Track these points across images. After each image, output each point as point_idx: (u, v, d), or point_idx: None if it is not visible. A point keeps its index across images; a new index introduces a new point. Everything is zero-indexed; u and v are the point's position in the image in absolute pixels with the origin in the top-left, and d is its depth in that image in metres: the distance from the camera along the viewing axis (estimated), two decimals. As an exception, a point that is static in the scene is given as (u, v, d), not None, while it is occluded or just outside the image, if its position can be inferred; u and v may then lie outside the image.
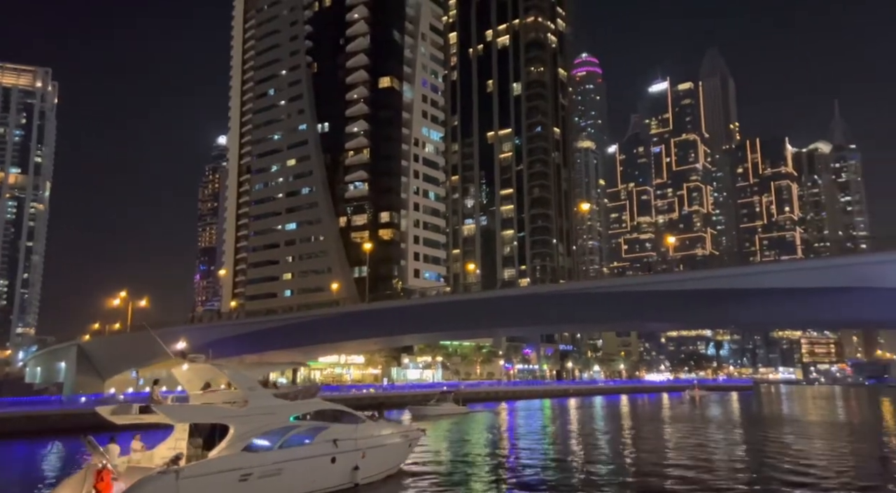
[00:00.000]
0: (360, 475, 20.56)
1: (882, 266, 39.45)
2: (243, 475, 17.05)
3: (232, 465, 16.96)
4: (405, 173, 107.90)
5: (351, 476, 20.31)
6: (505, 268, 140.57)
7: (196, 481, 15.91)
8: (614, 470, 26.12)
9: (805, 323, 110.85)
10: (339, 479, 19.94)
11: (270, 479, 17.63)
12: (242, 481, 16.99)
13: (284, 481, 18.01)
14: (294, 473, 18.33)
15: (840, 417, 63.94)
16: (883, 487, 22.72)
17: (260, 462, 17.55)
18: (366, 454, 21.02)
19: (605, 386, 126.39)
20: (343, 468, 20.11)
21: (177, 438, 18.26)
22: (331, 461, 19.71)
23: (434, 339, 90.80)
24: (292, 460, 18.45)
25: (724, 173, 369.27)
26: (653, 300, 50.28)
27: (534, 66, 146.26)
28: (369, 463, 21.07)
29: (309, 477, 18.86)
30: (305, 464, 18.85)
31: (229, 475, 16.80)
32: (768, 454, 32.26)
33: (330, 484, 19.59)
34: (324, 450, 19.56)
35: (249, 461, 17.34)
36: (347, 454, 20.30)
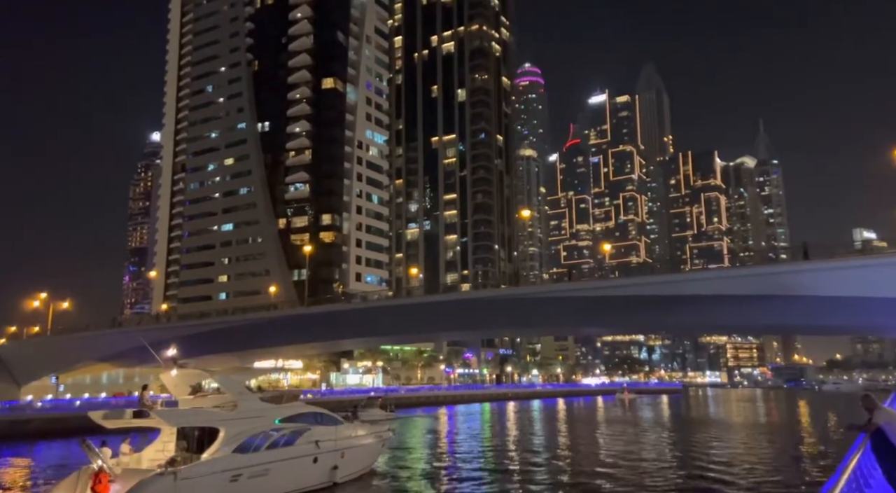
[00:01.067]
0: (339, 474, 21.73)
1: (799, 275, 41.61)
2: (234, 475, 17.96)
3: (224, 466, 17.83)
4: (348, 176, 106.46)
5: (330, 475, 21.46)
6: (448, 273, 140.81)
7: (192, 482, 16.65)
8: (546, 473, 26.58)
9: (732, 329, 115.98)
10: (320, 478, 21.12)
11: (258, 479, 18.58)
12: (233, 481, 17.88)
13: (271, 480, 18.98)
14: (280, 473, 19.34)
15: (761, 418, 67.04)
16: (795, 484, 23.93)
17: (249, 463, 18.46)
18: (344, 454, 22.19)
19: (543, 390, 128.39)
20: (324, 467, 21.27)
21: (164, 441, 18.91)
22: (313, 461, 20.82)
23: (375, 343, 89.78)
24: (278, 460, 19.38)
25: (658, 184, 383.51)
26: (590, 306, 51.35)
27: (478, 73, 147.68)
28: (347, 463, 22.26)
29: (293, 477, 19.86)
30: (290, 464, 19.83)
31: (222, 475, 17.65)
32: (693, 454, 33.43)
33: (312, 483, 20.71)
34: (306, 451, 20.62)
35: (240, 462, 18.24)
36: (328, 455, 21.41)
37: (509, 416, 67.33)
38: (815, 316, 43.68)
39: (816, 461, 31.08)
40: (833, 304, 40.78)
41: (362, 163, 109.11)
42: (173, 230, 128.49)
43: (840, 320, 44.78)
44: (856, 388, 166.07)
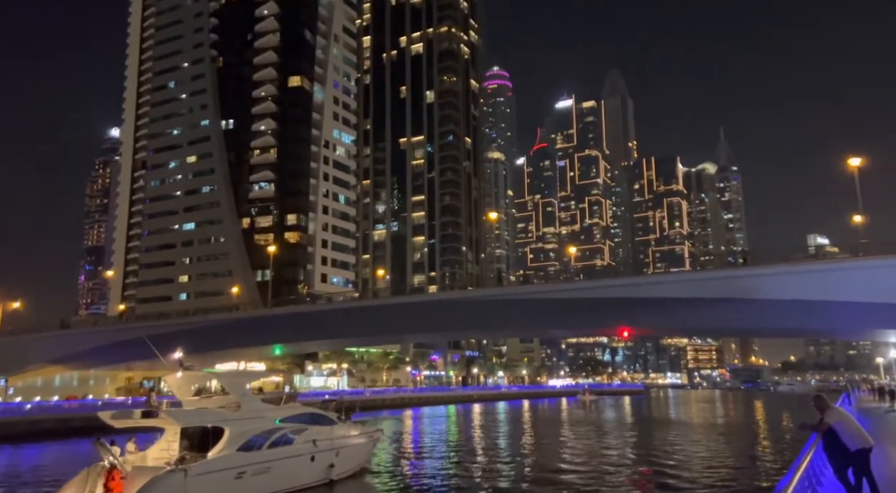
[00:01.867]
0: (335, 472, 22.72)
1: (758, 279, 42.72)
2: (239, 472, 18.83)
3: (231, 464, 18.71)
4: (314, 175, 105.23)
5: (327, 473, 22.37)
6: (415, 274, 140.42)
7: (201, 478, 17.43)
8: (506, 474, 26.75)
9: (692, 331, 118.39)
10: (317, 475, 22.02)
11: (260, 476, 19.42)
12: (238, 478, 18.74)
13: (272, 477, 19.82)
14: (280, 470, 20.20)
15: (719, 419, 68.47)
16: (751, 483, 24.51)
17: (253, 461, 19.34)
18: (339, 453, 23.14)
19: (509, 391, 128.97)
20: (321, 465, 22.17)
21: (168, 441, 19.57)
22: (310, 460, 21.74)
23: (340, 345, 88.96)
24: (279, 459, 20.31)
25: (623, 189, 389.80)
26: (556, 308, 51.85)
27: (447, 75, 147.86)
28: (342, 461, 23.27)
29: (292, 474, 20.78)
30: (290, 462, 20.78)
31: (228, 472, 18.54)
32: (653, 454, 33.99)
33: (309, 480, 21.59)
34: (305, 450, 21.57)
35: (244, 460, 19.12)
36: (324, 453, 22.36)
37: (475, 418, 67.36)
38: (771, 319, 44.80)
39: (771, 459, 31.85)
40: (787, 307, 41.93)
41: (329, 162, 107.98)
42: (132, 229, 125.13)
43: (794, 323, 46.00)
44: (808, 389, 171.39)
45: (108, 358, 73.39)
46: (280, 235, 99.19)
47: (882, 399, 49.12)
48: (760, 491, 22.31)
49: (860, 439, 9.39)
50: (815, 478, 10.41)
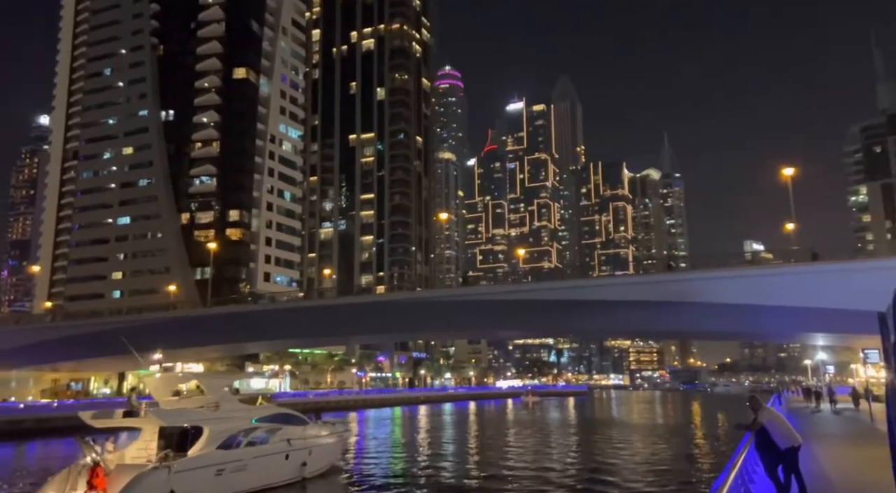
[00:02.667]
0: (307, 470, 23.54)
1: (697, 283, 43.80)
2: (218, 469, 19.55)
3: (211, 461, 19.46)
4: (259, 171, 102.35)
5: (300, 471, 23.20)
6: (363, 274, 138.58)
7: (183, 475, 18.13)
8: (445, 476, 26.71)
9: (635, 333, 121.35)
10: (291, 473, 22.84)
11: (238, 473, 20.16)
12: (217, 475, 19.47)
13: (249, 475, 20.60)
14: (256, 468, 21.01)
15: (658, 419, 69.93)
16: (689, 481, 25.08)
17: (231, 459, 20.10)
18: (311, 452, 23.96)
19: (455, 393, 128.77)
20: (294, 463, 23.01)
21: (146, 440, 20.25)
22: (285, 458, 22.57)
23: (283, 347, 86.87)
24: (255, 457, 21.13)
25: (570, 192, 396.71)
26: (504, 309, 51.97)
27: (398, 72, 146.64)
28: (314, 459, 24.09)
29: (268, 472, 21.61)
30: (265, 460, 21.61)
31: (208, 469, 19.28)
32: (594, 453, 34.42)
33: (284, 478, 22.40)
34: (279, 448, 22.38)
35: (223, 458, 19.88)
36: (298, 452, 23.16)
37: (420, 420, 66.70)
38: (709, 321, 45.99)
39: (708, 458, 32.59)
40: (724, 310, 43.09)
41: (275, 158, 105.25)
42: (61, 222, 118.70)
43: (730, 326, 47.38)
44: (743, 390, 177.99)
45: (32, 358, 69.30)
46: (221, 232, 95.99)
47: (809, 400, 51.05)
48: (697, 489, 22.61)
49: (789, 437, 9.82)
50: (747, 476, 10.65)
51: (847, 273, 39.29)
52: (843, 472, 13.57)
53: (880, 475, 10.32)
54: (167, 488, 17.45)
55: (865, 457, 15.68)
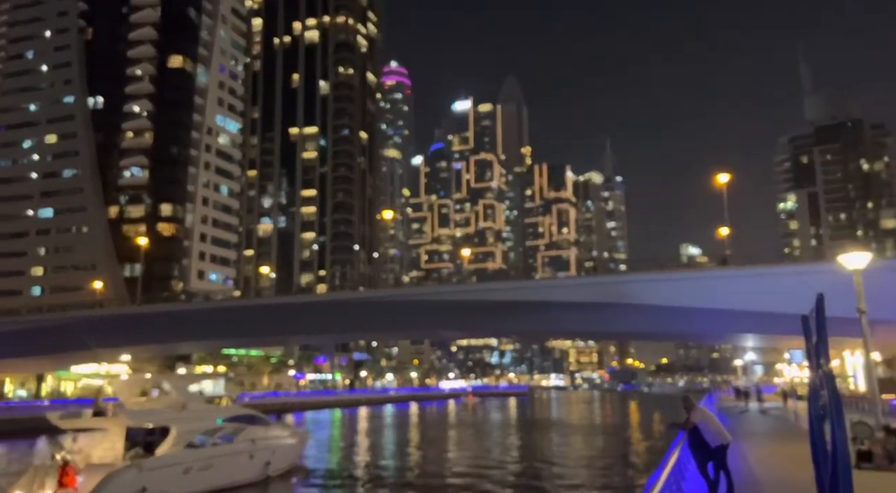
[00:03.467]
0: (271, 469, 24.16)
1: (635, 285, 44.59)
2: (186, 468, 20.07)
3: (179, 460, 20.06)
4: (194, 163, 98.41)
5: (264, 470, 23.80)
6: (303, 273, 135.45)
7: (153, 473, 18.77)
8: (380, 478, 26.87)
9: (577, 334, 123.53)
10: (255, 472, 23.43)
11: (205, 472, 20.65)
12: (185, 473, 19.95)
13: (215, 473, 21.08)
14: (222, 467, 21.54)
15: (597, 419, 71.47)
16: (625, 479, 25.86)
17: (198, 457, 20.70)
18: (275, 452, 24.62)
19: (397, 394, 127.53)
20: (258, 463, 23.58)
21: (112, 440, 20.81)
22: (249, 458, 23.15)
23: (218, 347, 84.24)
24: (221, 456, 21.69)
25: (516, 194, 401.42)
26: (448, 310, 51.76)
27: (343, 67, 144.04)
28: (277, 459, 24.69)
29: (233, 470, 22.12)
30: (231, 459, 22.14)
31: (177, 468, 19.81)
32: (533, 453, 35.02)
33: (248, 477, 22.95)
34: (244, 448, 22.98)
35: (191, 457, 20.50)
36: (262, 452, 23.75)
37: (360, 422, 65.74)
38: (647, 323, 46.87)
39: (643, 456, 33.35)
40: (661, 312, 43.94)
41: (211, 150, 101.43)
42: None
43: (667, 327, 48.50)
44: (678, 389, 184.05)
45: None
46: (153, 227, 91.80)
47: (739, 399, 52.76)
48: (632, 487, 23.15)
49: (720, 436, 10.24)
50: (680, 473, 11.09)
51: (775, 277, 40.63)
52: (768, 468, 14.20)
53: (801, 471, 10.78)
54: (139, 485, 18.15)
55: (789, 453, 16.31)
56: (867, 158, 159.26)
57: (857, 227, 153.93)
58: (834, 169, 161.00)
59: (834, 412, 7.98)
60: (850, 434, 13.43)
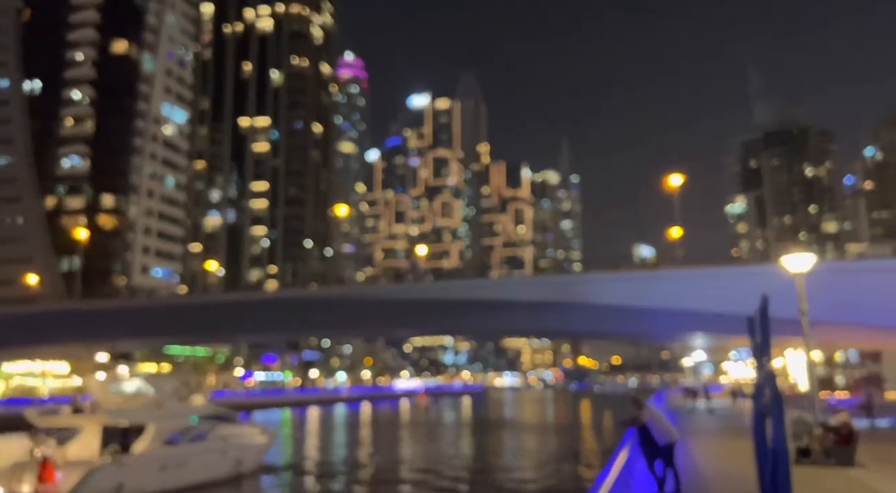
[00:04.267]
0: (242, 467, 24.82)
1: (590, 285, 44.92)
2: (162, 465, 20.86)
3: (156, 457, 20.80)
4: (139, 153, 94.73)
5: (236, 467, 24.37)
6: (252, 269, 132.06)
7: (131, 469, 19.53)
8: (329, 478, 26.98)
9: (532, 332, 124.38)
10: (228, 469, 24.00)
11: (181, 469, 21.44)
12: (161, 470, 20.73)
13: (190, 470, 21.86)
14: (197, 464, 22.34)
15: (550, 417, 72.18)
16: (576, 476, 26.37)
17: (174, 455, 21.51)
18: (246, 450, 25.40)
19: (349, 394, 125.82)
20: (230, 460, 24.20)
21: (87, 438, 21.15)
22: (222, 455, 23.85)
23: (161, 345, 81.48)
24: (195, 453, 22.49)
25: (472, 191, 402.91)
26: (403, 308, 51.17)
27: (297, 58, 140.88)
28: (248, 457, 25.49)
29: (207, 468, 22.82)
30: (204, 457, 22.87)
31: (154, 465, 20.58)
32: (486, 452, 35.42)
33: (221, 474, 23.53)
34: (217, 446, 23.74)
35: (167, 454, 21.26)
36: (233, 450, 24.45)
37: (310, 422, 64.45)
38: (600, 322, 47.33)
39: (594, 453, 34.10)
40: (615, 311, 44.36)
41: (157, 140, 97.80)
42: None
43: (620, 326, 49.06)
44: (629, 388, 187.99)
45: None
46: (93, 219, 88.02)
47: (687, 398, 53.73)
48: (583, 484, 23.34)
49: (668, 434, 10.55)
50: (629, 471, 11.53)
51: (722, 278, 41.38)
52: (713, 464, 14.78)
53: (745, 467, 11.00)
54: (117, 481, 18.94)
55: (733, 450, 16.67)
56: (812, 163, 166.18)
57: (800, 230, 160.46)
58: (780, 173, 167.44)
59: (775, 410, 8.60)
60: (791, 431, 14.18)
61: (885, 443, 19.02)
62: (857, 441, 14.14)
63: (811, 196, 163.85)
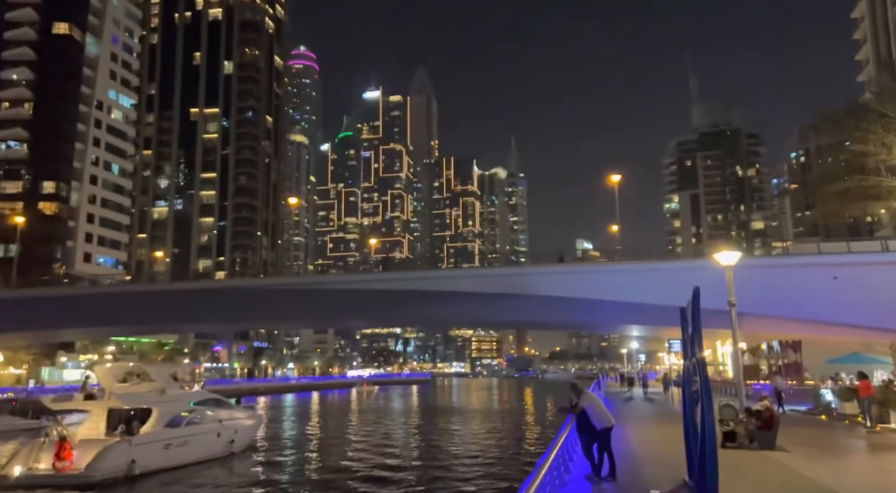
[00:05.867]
0: (235, 446, 27.43)
1: (536, 277, 46.86)
2: (166, 444, 23.21)
3: (161, 437, 23.16)
4: (82, 139, 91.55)
5: (229, 447, 27.00)
6: (201, 258, 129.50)
7: (140, 448, 21.90)
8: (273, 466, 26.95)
9: (479, 323, 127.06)
10: (222, 449, 26.59)
11: (181, 448, 23.82)
12: (165, 449, 23.11)
13: (189, 449, 24.30)
14: (195, 444, 24.76)
15: (494, 404, 74.37)
16: (517, 460, 26.90)
17: (176, 435, 23.83)
18: (238, 431, 27.91)
19: (298, 383, 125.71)
20: (225, 440, 26.80)
21: (94, 421, 23.51)
22: (217, 436, 26.37)
23: (105, 335, 79.50)
24: (194, 434, 24.82)
25: (424, 185, 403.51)
26: (354, 299, 51.75)
27: (248, 47, 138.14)
28: (240, 437, 28.06)
29: (204, 447, 25.35)
30: (202, 437, 25.36)
31: (159, 444, 22.91)
32: (430, 439, 35.96)
33: (216, 453, 26.08)
34: (213, 428, 26.28)
35: (171, 435, 23.65)
36: (227, 431, 27.02)
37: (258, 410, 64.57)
38: (544, 313, 49.40)
39: (535, 438, 35.44)
40: (558, 303, 46.48)
41: (102, 126, 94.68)
42: None
43: (563, 317, 51.34)
44: (569, 376, 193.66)
45: None
46: (33, 205, 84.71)
47: (623, 385, 56.88)
48: (522, 467, 24.12)
49: (605, 419, 10.84)
50: (567, 454, 11.81)
51: (659, 272, 44.06)
52: (646, 448, 15.35)
53: (675, 450, 11.82)
54: (129, 458, 21.23)
55: (665, 434, 17.66)
56: (742, 164, 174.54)
57: (731, 227, 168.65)
58: (713, 173, 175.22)
59: (704, 396, 9.08)
60: (718, 416, 14.62)
61: (801, 428, 20.54)
62: (778, 426, 15.08)
63: (742, 195, 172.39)
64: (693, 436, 9.75)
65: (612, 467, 10.82)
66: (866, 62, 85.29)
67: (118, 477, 20.66)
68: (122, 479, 20.72)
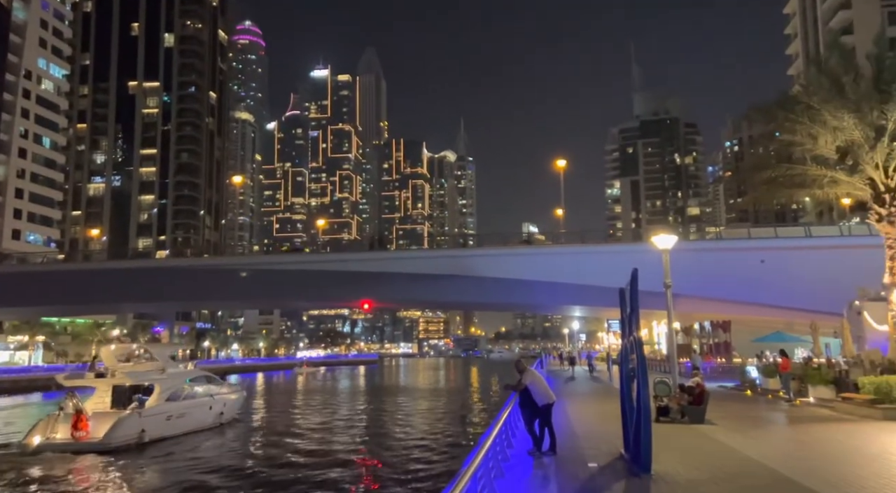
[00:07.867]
0: (223, 418, 30.98)
1: (482, 259, 48.05)
2: (168, 416, 26.18)
3: (164, 410, 25.97)
4: (9, 110, 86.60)
5: (219, 418, 30.49)
6: (140, 237, 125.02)
7: (147, 419, 24.82)
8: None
9: (427, 304, 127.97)
10: (213, 420, 29.95)
11: (180, 419, 26.94)
12: (167, 420, 26.07)
13: (186, 420, 27.43)
14: (192, 415, 27.91)
15: (441, 383, 75.61)
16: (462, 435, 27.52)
17: (176, 408, 26.80)
18: (225, 404, 31.39)
19: (242, 364, 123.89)
20: (216, 412, 30.23)
21: (100, 396, 26.15)
22: (209, 408, 29.69)
23: (37, 315, 76.30)
24: (190, 407, 27.93)
25: (373, 167, 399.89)
26: (301, 280, 51.55)
27: (191, 20, 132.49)
28: (227, 410, 31.67)
29: (198, 418, 28.55)
30: (197, 410, 28.57)
31: (162, 416, 25.79)
32: (375, 417, 36.56)
33: (208, 423, 29.36)
34: (205, 402, 29.52)
35: (171, 407, 26.52)
36: (217, 404, 30.40)
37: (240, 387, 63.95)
38: (491, 294, 50.63)
39: (480, 415, 36.34)
40: (504, 284, 47.73)
41: (31, 97, 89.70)
42: None
43: (509, 298, 52.72)
44: (514, 355, 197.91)
45: None
46: (-45, 179, 79.85)
47: (563, 364, 58.80)
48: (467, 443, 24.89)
49: (546, 396, 11.14)
50: (510, 430, 12.23)
51: (600, 255, 45.79)
52: (585, 423, 16.16)
53: (612, 425, 12.67)
54: (140, 428, 24.24)
55: (604, 411, 18.52)
56: (680, 153, 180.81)
57: (668, 213, 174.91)
58: (653, 160, 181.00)
59: (640, 373, 9.58)
60: (653, 392, 15.49)
61: (729, 402, 21.83)
62: (708, 401, 15.91)
63: (679, 182, 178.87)
64: (629, 411, 10.15)
65: (553, 442, 11.18)
66: (796, 56, 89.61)
67: (131, 444, 23.60)
68: (133, 446, 23.60)
